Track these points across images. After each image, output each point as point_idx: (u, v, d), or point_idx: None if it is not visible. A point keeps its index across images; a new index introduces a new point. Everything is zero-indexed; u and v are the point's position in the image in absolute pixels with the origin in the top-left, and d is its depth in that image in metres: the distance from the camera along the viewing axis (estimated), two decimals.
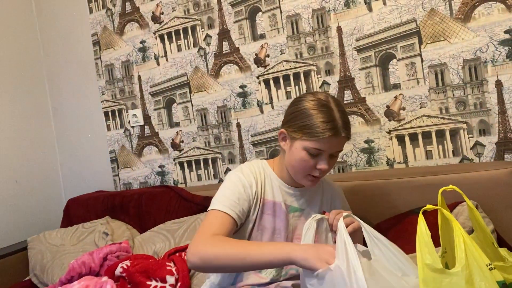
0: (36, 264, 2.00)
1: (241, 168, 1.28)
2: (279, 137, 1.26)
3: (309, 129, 1.15)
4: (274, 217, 1.25)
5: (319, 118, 1.14)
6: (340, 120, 1.15)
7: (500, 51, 1.55)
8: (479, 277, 0.80)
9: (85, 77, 2.54)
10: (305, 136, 1.15)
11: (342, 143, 1.19)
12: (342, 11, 1.80)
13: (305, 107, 1.18)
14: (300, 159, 1.18)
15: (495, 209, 1.43)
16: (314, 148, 1.15)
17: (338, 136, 1.15)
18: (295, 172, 1.22)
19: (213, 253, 1.07)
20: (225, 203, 1.19)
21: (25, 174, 2.49)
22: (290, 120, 1.21)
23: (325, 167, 1.17)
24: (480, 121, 1.60)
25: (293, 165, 1.21)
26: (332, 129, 1.13)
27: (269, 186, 1.27)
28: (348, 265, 0.88)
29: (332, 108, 1.16)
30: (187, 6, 2.17)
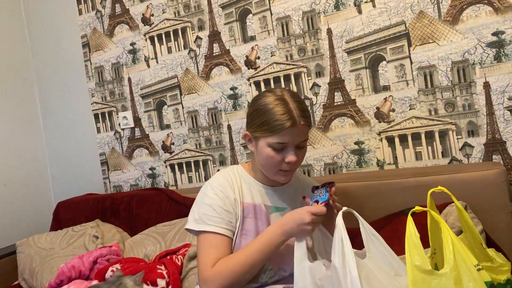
0: (25, 268, 1.98)
1: (215, 179, 1.28)
2: (245, 140, 1.26)
3: (267, 125, 1.16)
4: (255, 220, 1.25)
5: (275, 112, 1.15)
6: (297, 110, 1.16)
7: (488, 53, 1.56)
8: (467, 278, 0.81)
9: (75, 79, 2.52)
10: (266, 133, 1.17)
11: (304, 132, 1.19)
12: (332, 13, 1.81)
13: (262, 104, 1.19)
14: (266, 156, 1.18)
15: (484, 209, 1.45)
16: (277, 143, 1.16)
17: (297, 126, 1.15)
18: (266, 170, 1.23)
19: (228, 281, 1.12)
20: (209, 222, 1.19)
21: (14, 177, 2.46)
22: (250, 121, 1.22)
23: (293, 158, 1.17)
24: (469, 122, 1.62)
25: (263, 164, 1.22)
26: (289, 119, 1.14)
27: (247, 190, 1.27)
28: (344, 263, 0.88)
29: (286, 100, 1.17)
30: (178, 8, 2.17)
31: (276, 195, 1.29)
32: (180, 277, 1.62)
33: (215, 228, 1.18)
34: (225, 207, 1.21)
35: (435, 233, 0.98)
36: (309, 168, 1.91)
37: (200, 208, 1.23)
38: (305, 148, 1.23)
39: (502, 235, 1.43)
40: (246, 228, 1.23)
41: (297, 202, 1.30)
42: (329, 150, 1.87)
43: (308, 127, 1.20)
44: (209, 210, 1.21)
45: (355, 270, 0.83)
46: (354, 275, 0.83)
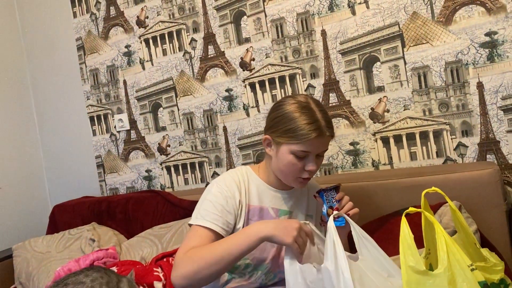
0: (22, 272, 1.98)
1: (223, 178, 1.27)
2: (263, 143, 1.26)
3: (293, 133, 1.16)
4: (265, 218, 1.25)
5: (302, 120, 1.15)
6: (323, 120, 1.17)
7: (481, 53, 1.57)
8: (461, 278, 0.81)
9: (70, 82, 2.52)
10: (291, 140, 1.16)
11: (327, 142, 1.21)
12: (326, 15, 1.82)
13: (287, 111, 1.19)
14: (288, 163, 1.18)
15: (478, 209, 1.46)
16: (301, 151, 1.16)
17: (323, 136, 1.17)
18: (284, 176, 1.23)
19: (192, 268, 1.08)
20: (206, 217, 1.18)
21: (9, 180, 2.45)
22: (273, 126, 1.22)
23: (313, 168, 1.18)
24: (463, 122, 1.63)
25: (282, 169, 1.21)
26: (316, 130, 1.15)
27: (255, 192, 1.27)
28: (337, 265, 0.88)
29: (313, 109, 1.18)
30: (172, 10, 2.17)
31: (284, 199, 1.29)
32: None
33: (210, 224, 1.17)
34: (226, 206, 1.21)
35: (429, 234, 0.99)
36: None
37: (202, 204, 1.23)
38: (323, 157, 1.25)
39: (496, 234, 1.44)
40: None
41: (302, 206, 1.31)
42: None
43: (332, 137, 1.22)
44: (210, 206, 1.20)
45: (347, 272, 0.84)
46: (347, 277, 0.83)
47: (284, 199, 1.29)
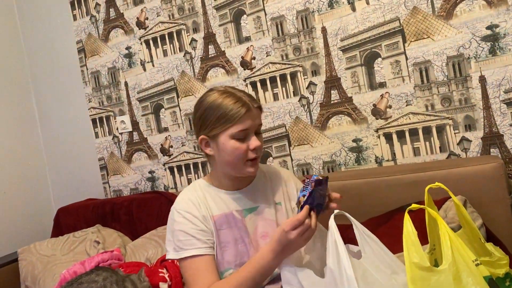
0: (28, 276, 1.98)
1: (179, 202, 1.25)
2: (201, 146, 1.24)
3: (225, 117, 1.16)
4: (230, 229, 1.23)
5: (227, 103, 1.17)
6: (246, 96, 1.19)
7: (483, 47, 1.56)
8: (466, 273, 0.81)
9: (71, 85, 2.52)
10: (226, 125, 1.16)
11: (258, 115, 1.21)
12: (326, 12, 1.81)
13: (210, 102, 1.19)
14: (231, 149, 1.17)
15: (483, 203, 1.45)
16: (239, 131, 1.16)
17: (252, 110, 1.17)
18: (233, 166, 1.21)
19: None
20: (187, 247, 1.18)
21: (13, 185, 2.46)
22: (203, 123, 1.21)
23: (257, 143, 1.17)
24: (466, 117, 1.62)
25: (228, 160, 1.20)
26: (244, 105, 1.16)
27: (213, 202, 1.25)
28: (339, 264, 0.88)
29: (232, 91, 1.20)
30: (172, 11, 2.17)
31: (245, 197, 1.27)
32: (182, 280, 1.62)
33: (195, 251, 1.17)
34: (197, 227, 1.20)
35: (434, 229, 0.98)
36: (308, 167, 1.92)
37: (174, 235, 1.22)
38: (261, 134, 1.24)
39: (501, 228, 1.43)
40: (223, 240, 1.22)
41: (268, 197, 1.28)
42: (327, 148, 1.87)
43: (260, 110, 1.22)
44: (183, 235, 1.19)
45: (350, 269, 0.83)
46: (350, 274, 0.83)
47: (245, 197, 1.27)
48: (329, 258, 0.89)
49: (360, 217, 1.51)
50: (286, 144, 1.95)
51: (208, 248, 1.19)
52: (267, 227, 1.25)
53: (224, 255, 1.21)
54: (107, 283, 1.36)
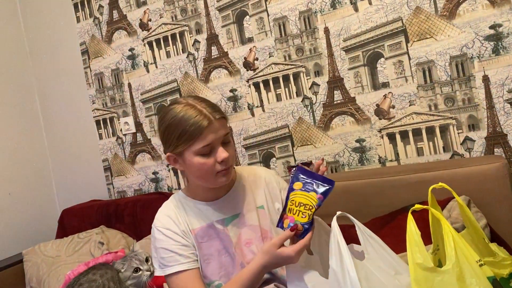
0: (32, 277, 2.00)
1: (157, 219, 1.24)
2: (170, 163, 1.21)
3: (185, 134, 1.12)
4: (212, 241, 1.21)
5: (187, 119, 1.11)
6: (206, 107, 1.13)
7: (486, 47, 1.56)
8: (470, 274, 0.81)
9: (75, 87, 2.53)
10: (188, 142, 1.12)
11: (223, 125, 1.15)
12: (329, 12, 1.81)
13: (171, 119, 1.15)
14: (198, 166, 1.13)
15: (487, 203, 1.45)
16: (202, 147, 1.11)
17: (213, 122, 1.12)
18: (205, 180, 1.18)
19: None
20: (171, 263, 1.18)
21: (18, 186, 2.47)
22: (167, 140, 1.17)
23: (225, 155, 1.12)
24: (469, 117, 1.62)
25: (198, 175, 1.17)
26: (204, 119, 1.10)
27: (193, 215, 1.23)
28: (342, 265, 0.88)
29: (193, 104, 1.14)
30: (175, 12, 2.17)
31: (225, 205, 1.24)
32: None
33: (179, 267, 1.16)
34: (178, 243, 1.19)
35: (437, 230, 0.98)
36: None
37: (157, 253, 1.21)
38: (231, 142, 1.18)
39: (506, 228, 1.43)
40: (206, 252, 1.21)
41: (249, 202, 1.26)
42: (330, 148, 1.87)
43: (225, 119, 1.16)
44: (165, 252, 1.19)
45: (353, 270, 0.83)
46: (353, 276, 0.83)
47: (225, 205, 1.24)
48: (332, 259, 0.89)
49: (363, 217, 1.52)
50: (289, 144, 1.96)
51: (191, 263, 1.18)
52: (251, 233, 1.22)
53: (208, 268, 1.20)
54: (105, 280, 1.40)
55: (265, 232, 1.24)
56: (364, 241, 0.96)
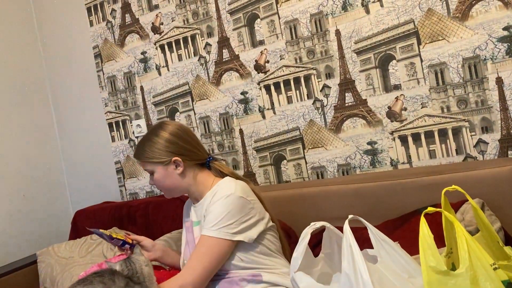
0: (46, 277, 2.02)
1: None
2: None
3: None
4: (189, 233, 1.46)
5: None
6: (136, 146, 1.49)
7: (499, 48, 1.55)
8: (484, 278, 0.80)
9: (88, 90, 2.56)
10: None
11: (139, 163, 1.49)
12: (340, 15, 1.81)
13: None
14: None
15: (502, 206, 1.43)
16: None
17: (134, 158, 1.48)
18: None
19: None
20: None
21: (32, 188, 2.51)
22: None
23: (149, 182, 1.47)
24: (482, 119, 1.60)
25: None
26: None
27: (187, 212, 1.52)
28: (355, 269, 0.88)
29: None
30: (186, 16, 2.19)
31: (196, 211, 1.45)
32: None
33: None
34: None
35: (450, 233, 0.97)
36: (323, 170, 1.91)
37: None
38: (154, 176, 1.41)
39: None
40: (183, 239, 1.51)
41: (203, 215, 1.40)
42: (341, 151, 1.87)
43: (137, 159, 1.45)
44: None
45: (366, 274, 0.83)
46: (366, 279, 0.82)
47: (196, 210, 1.45)
48: (345, 263, 0.88)
49: (375, 220, 1.52)
50: (300, 147, 1.96)
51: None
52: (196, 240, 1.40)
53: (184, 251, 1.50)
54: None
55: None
56: (376, 244, 0.96)
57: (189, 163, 1.42)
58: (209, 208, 1.34)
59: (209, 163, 1.47)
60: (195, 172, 1.44)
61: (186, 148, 1.43)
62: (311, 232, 1.04)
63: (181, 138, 1.43)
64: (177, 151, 1.40)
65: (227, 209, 1.30)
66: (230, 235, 1.29)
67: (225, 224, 1.29)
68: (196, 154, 1.45)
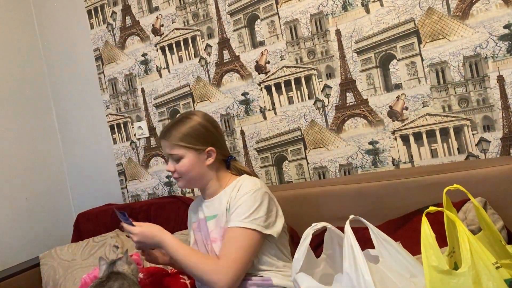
0: (49, 280, 2.02)
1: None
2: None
3: None
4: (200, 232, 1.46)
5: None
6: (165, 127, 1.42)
7: (500, 46, 1.54)
8: (486, 277, 0.80)
9: (89, 92, 2.56)
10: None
11: (166, 145, 1.39)
12: (340, 14, 1.81)
13: None
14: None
15: (504, 205, 1.42)
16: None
17: (160, 140, 1.42)
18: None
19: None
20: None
21: (34, 191, 2.51)
22: None
23: (167, 167, 1.41)
24: (484, 117, 1.60)
25: None
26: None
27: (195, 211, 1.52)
28: (357, 269, 0.88)
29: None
30: (187, 17, 2.19)
31: (209, 205, 1.45)
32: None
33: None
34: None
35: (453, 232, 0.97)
36: (324, 170, 1.91)
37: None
38: (181, 161, 1.37)
39: None
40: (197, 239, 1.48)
41: (223, 207, 1.40)
42: (343, 151, 1.86)
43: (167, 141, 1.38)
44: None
45: (368, 274, 0.83)
46: (368, 279, 0.82)
47: (209, 206, 1.45)
48: (346, 263, 0.88)
49: (377, 219, 1.52)
50: (301, 147, 1.95)
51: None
52: (218, 233, 1.39)
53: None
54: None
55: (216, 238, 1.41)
56: (378, 244, 0.96)
57: (217, 157, 1.42)
58: (236, 202, 1.34)
59: (229, 161, 1.49)
60: (218, 167, 1.44)
61: (219, 140, 1.45)
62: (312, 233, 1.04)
63: (217, 129, 1.46)
64: (211, 142, 1.40)
65: (257, 202, 1.32)
66: (261, 227, 1.30)
67: (257, 216, 1.31)
68: (224, 149, 1.48)
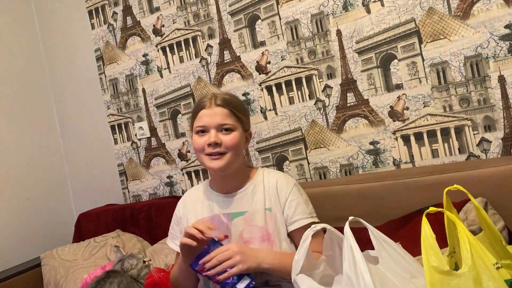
0: (50, 280, 2.02)
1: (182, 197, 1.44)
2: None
3: (192, 112, 1.30)
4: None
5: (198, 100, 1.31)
6: (216, 94, 1.27)
7: (501, 46, 1.54)
8: (487, 277, 0.80)
9: (90, 93, 2.57)
10: (192, 120, 1.29)
11: (221, 114, 1.23)
12: (341, 15, 1.81)
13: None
14: (193, 143, 1.27)
15: (505, 205, 1.42)
16: (198, 127, 1.24)
17: (212, 107, 1.23)
18: (199, 160, 1.28)
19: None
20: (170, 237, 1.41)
21: (35, 191, 2.51)
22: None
23: (211, 139, 1.20)
24: (485, 117, 1.59)
25: (196, 154, 1.30)
26: (204, 103, 1.25)
27: (207, 204, 1.32)
28: (356, 270, 0.87)
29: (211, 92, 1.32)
30: (187, 18, 2.19)
31: (234, 201, 1.29)
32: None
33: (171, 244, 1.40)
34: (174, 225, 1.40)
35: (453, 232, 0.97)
36: (325, 170, 1.91)
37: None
38: (232, 134, 1.23)
39: None
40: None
41: (258, 203, 1.28)
42: (344, 151, 1.86)
43: (226, 109, 1.23)
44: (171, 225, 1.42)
45: (367, 275, 0.82)
46: (367, 280, 0.82)
47: (234, 201, 1.29)
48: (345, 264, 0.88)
49: (378, 220, 1.51)
50: (302, 147, 1.95)
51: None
52: (253, 233, 1.25)
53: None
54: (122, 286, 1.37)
55: (268, 234, 1.25)
56: (377, 245, 0.95)
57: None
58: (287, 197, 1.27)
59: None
60: (244, 155, 1.35)
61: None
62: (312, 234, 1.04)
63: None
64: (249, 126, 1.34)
65: (305, 195, 1.33)
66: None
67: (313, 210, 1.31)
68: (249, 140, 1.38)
